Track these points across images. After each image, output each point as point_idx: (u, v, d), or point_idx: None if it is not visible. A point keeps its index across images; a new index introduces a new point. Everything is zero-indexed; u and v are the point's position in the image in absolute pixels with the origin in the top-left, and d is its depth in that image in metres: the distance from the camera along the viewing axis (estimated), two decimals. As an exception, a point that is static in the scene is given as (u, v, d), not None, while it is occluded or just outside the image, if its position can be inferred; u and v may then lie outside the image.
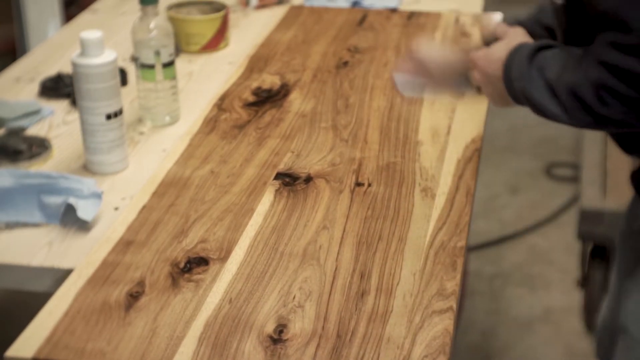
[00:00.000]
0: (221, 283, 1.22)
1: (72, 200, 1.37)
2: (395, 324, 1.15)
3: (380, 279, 1.23)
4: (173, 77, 1.66)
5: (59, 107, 1.74)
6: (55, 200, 1.38)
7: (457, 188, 1.45)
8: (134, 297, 1.20)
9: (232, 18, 2.14)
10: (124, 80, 1.79)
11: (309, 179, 1.47)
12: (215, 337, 1.13)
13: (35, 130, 1.66)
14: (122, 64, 1.83)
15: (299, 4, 2.25)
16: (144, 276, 1.24)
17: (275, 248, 1.30)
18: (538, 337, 2.54)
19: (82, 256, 1.30)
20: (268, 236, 1.32)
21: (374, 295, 1.20)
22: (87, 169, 1.53)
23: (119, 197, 1.45)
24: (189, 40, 1.97)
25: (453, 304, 1.18)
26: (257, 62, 1.90)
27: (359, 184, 1.46)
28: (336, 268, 1.26)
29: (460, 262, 1.27)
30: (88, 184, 1.41)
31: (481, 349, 2.51)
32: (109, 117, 1.48)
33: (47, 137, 1.62)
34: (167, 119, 1.68)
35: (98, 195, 1.39)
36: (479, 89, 1.44)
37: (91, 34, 1.46)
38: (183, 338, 1.12)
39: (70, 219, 1.38)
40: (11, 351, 1.11)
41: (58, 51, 2.00)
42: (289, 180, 1.47)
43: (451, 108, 1.70)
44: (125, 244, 1.30)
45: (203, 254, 1.28)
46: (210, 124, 1.65)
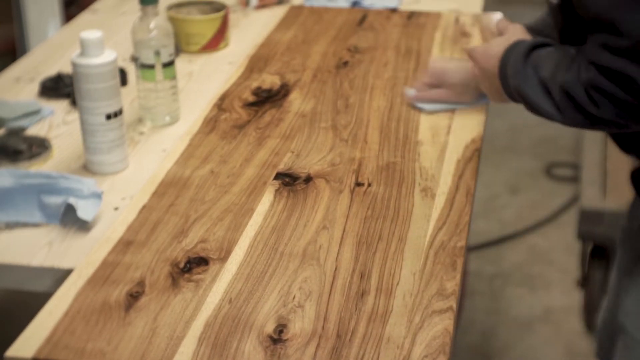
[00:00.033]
0: (221, 283, 1.22)
1: (72, 200, 1.37)
2: (395, 323, 1.15)
3: (380, 279, 1.23)
4: (173, 77, 1.66)
5: (59, 107, 1.74)
6: (55, 200, 1.38)
7: (457, 188, 1.45)
8: (134, 297, 1.20)
9: (232, 18, 2.14)
10: (124, 80, 1.79)
11: (308, 179, 1.47)
12: (215, 337, 1.13)
13: (35, 130, 1.66)
14: (122, 64, 1.83)
15: (299, 4, 2.25)
16: (144, 276, 1.24)
17: (275, 248, 1.30)
18: (538, 337, 2.54)
19: (82, 256, 1.30)
20: (268, 236, 1.32)
21: (374, 295, 1.20)
22: (87, 169, 1.53)
23: (119, 197, 1.45)
24: (189, 40, 1.97)
25: (453, 304, 1.18)
26: (257, 62, 1.90)
27: (359, 184, 1.46)
28: (336, 268, 1.26)
29: (460, 262, 1.27)
30: (88, 184, 1.41)
31: (481, 349, 2.51)
32: (109, 117, 1.48)
33: (47, 137, 1.62)
34: (167, 119, 1.68)
35: (98, 195, 1.39)
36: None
37: (91, 34, 1.46)
38: (183, 338, 1.12)
39: (70, 219, 1.38)
40: (11, 351, 1.11)
41: (58, 51, 2.00)
42: (289, 180, 1.47)
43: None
44: (125, 244, 1.30)
45: (203, 254, 1.28)
46: (210, 124, 1.65)
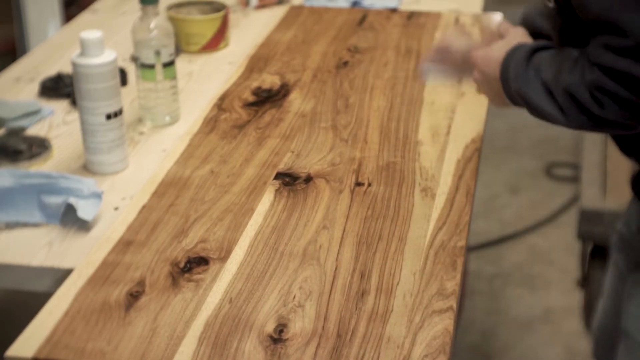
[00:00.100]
0: (221, 283, 1.22)
1: (72, 200, 1.37)
2: (396, 323, 1.15)
3: (380, 278, 1.23)
4: (173, 77, 1.66)
5: (59, 107, 1.74)
6: (55, 200, 1.38)
7: (457, 188, 1.45)
8: (134, 296, 1.20)
9: (232, 18, 2.14)
10: (124, 80, 1.79)
11: (309, 179, 1.47)
12: (215, 337, 1.13)
13: (35, 130, 1.66)
14: (122, 64, 1.83)
15: (299, 4, 2.25)
16: (144, 276, 1.24)
17: (275, 248, 1.30)
18: (538, 337, 2.54)
19: (82, 256, 1.30)
20: (268, 236, 1.32)
21: (374, 295, 1.20)
22: (87, 169, 1.53)
23: (119, 197, 1.45)
24: (189, 40, 1.97)
25: (453, 304, 1.18)
26: (257, 62, 1.90)
27: (359, 184, 1.46)
28: (336, 268, 1.26)
29: (460, 262, 1.27)
30: (88, 184, 1.41)
31: (481, 349, 2.51)
32: (109, 117, 1.48)
33: (47, 137, 1.62)
34: (167, 119, 1.68)
35: (98, 195, 1.39)
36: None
37: (91, 34, 1.46)
38: (183, 338, 1.12)
39: (70, 219, 1.38)
40: (11, 351, 1.11)
41: (58, 51, 2.00)
42: (289, 180, 1.47)
43: (451, 108, 1.70)
44: (125, 244, 1.30)
45: (203, 254, 1.28)
46: (210, 124, 1.65)
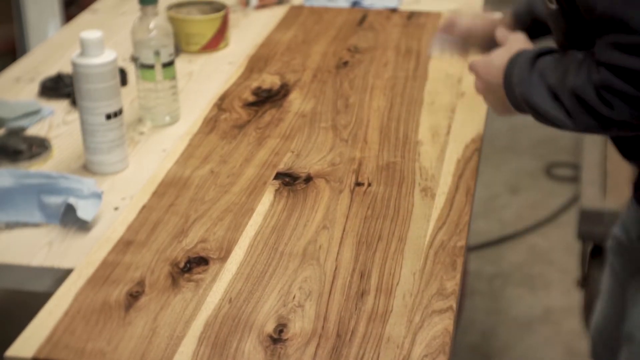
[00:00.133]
0: (221, 283, 1.22)
1: (72, 200, 1.37)
2: (395, 323, 1.15)
3: (380, 278, 1.23)
4: (173, 77, 1.66)
5: (59, 107, 1.74)
6: (55, 200, 1.38)
7: (457, 188, 1.45)
8: (134, 297, 1.20)
9: (232, 18, 2.14)
10: (124, 80, 1.79)
11: (308, 179, 1.47)
12: (215, 337, 1.13)
13: (35, 130, 1.66)
14: (122, 64, 1.83)
15: (299, 4, 2.25)
16: (144, 276, 1.24)
17: (275, 248, 1.30)
18: (538, 337, 2.54)
19: (82, 256, 1.30)
20: (268, 236, 1.32)
21: (373, 295, 1.20)
22: (87, 169, 1.53)
23: (119, 197, 1.45)
24: (189, 40, 1.97)
25: (453, 304, 1.18)
26: (257, 62, 1.91)
27: (358, 184, 1.46)
28: (336, 268, 1.26)
29: (460, 262, 1.27)
30: (88, 184, 1.41)
31: (481, 349, 2.51)
32: (109, 117, 1.48)
33: (47, 137, 1.62)
34: (167, 119, 1.68)
35: (98, 195, 1.39)
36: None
37: (91, 34, 1.46)
38: (183, 338, 1.12)
39: (70, 219, 1.38)
40: (11, 351, 1.11)
41: (58, 51, 2.00)
42: (288, 180, 1.47)
43: (451, 108, 1.70)
44: (125, 244, 1.30)
45: (203, 254, 1.28)
46: (210, 124, 1.65)
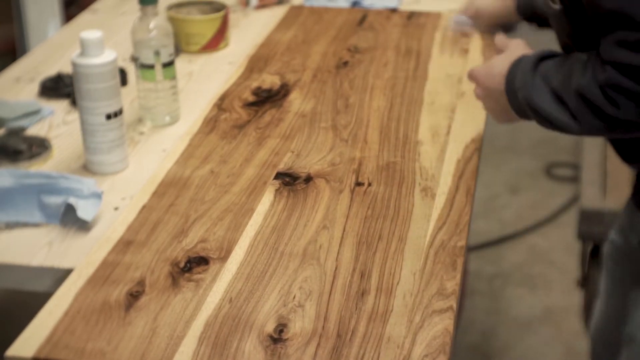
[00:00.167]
0: (221, 283, 1.22)
1: (72, 200, 1.37)
2: (396, 323, 1.15)
3: (380, 278, 1.23)
4: (173, 77, 1.66)
5: (59, 107, 1.74)
6: (55, 200, 1.38)
7: (457, 188, 1.45)
8: (134, 296, 1.20)
9: (232, 18, 2.14)
10: (124, 80, 1.79)
11: (309, 179, 1.47)
12: (215, 337, 1.13)
13: (35, 130, 1.66)
14: (122, 64, 1.83)
15: (299, 4, 2.25)
16: (144, 276, 1.24)
17: (275, 248, 1.30)
18: (538, 337, 2.54)
19: (82, 256, 1.30)
20: (268, 236, 1.32)
21: (374, 294, 1.20)
22: (87, 169, 1.53)
23: (119, 197, 1.45)
24: (189, 40, 1.97)
25: (453, 304, 1.18)
26: (257, 62, 1.90)
27: (359, 184, 1.46)
28: (336, 268, 1.26)
29: (460, 262, 1.27)
30: (88, 184, 1.41)
31: (481, 349, 2.51)
32: (109, 117, 1.48)
33: (47, 137, 1.62)
34: (167, 119, 1.68)
35: (98, 195, 1.39)
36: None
37: (91, 34, 1.46)
38: (183, 338, 1.12)
39: (70, 219, 1.38)
40: (11, 351, 1.11)
41: (58, 51, 2.00)
42: (289, 180, 1.47)
43: (451, 108, 1.70)
44: (125, 244, 1.30)
45: (203, 254, 1.28)
46: (210, 124, 1.65)
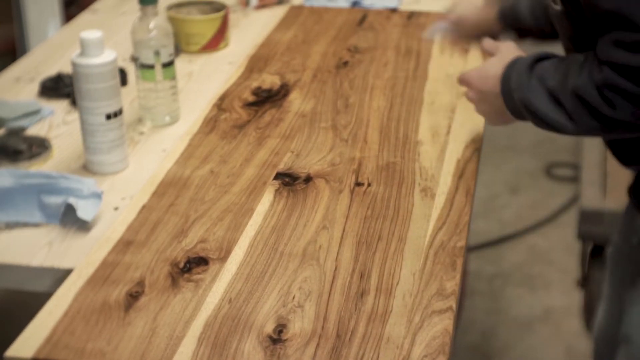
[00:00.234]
0: (221, 283, 1.22)
1: (72, 200, 1.37)
2: (395, 323, 1.15)
3: (380, 278, 1.23)
4: (173, 77, 1.66)
5: (59, 107, 1.74)
6: (55, 200, 1.38)
7: (457, 188, 1.45)
8: (133, 297, 1.20)
9: (232, 18, 2.14)
10: (124, 80, 1.79)
11: (308, 179, 1.47)
12: (214, 337, 1.13)
13: (35, 130, 1.66)
14: (122, 64, 1.83)
15: (299, 4, 2.25)
16: (143, 276, 1.24)
17: (275, 248, 1.30)
18: (538, 337, 2.54)
19: (82, 256, 1.30)
20: (268, 236, 1.32)
21: (373, 295, 1.20)
22: (87, 169, 1.53)
23: (119, 197, 1.45)
24: (189, 40, 1.97)
25: (453, 304, 1.18)
26: (257, 62, 1.91)
27: (358, 184, 1.46)
28: (336, 268, 1.26)
29: (460, 262, 1.27)
30: (88, 184, 1.41)
31: (481, 349, 2.51)
32: (109, 117, 1.48)
33: (47, 137, 1.62)
34: (167, 119, 1.68)
35: (98, 195, 1.39)
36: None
37: (91, 34, 1.46)
38: (183, 338, 1.12)
39: (70, 219, 1.38)
40: (11, 351, 1.11)
41: (58, 51, 2.00)
42: (288, 180, 1.47)
43: (451, 108, 1.70)
44: (125, 244, 1.30)
45: (203, 254, 1.28)
46: (210, 124, 1.65)
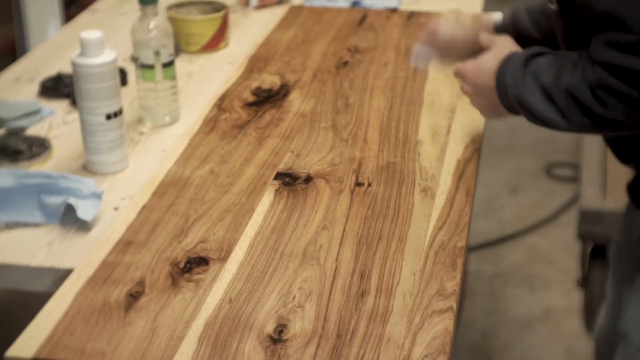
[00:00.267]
0: (221, 283, 1.22)
1: (72, 200, 1.37)
2: (395, 323, 1.15)
3: (380, 279, 1.23)
4: (173, 77, 1.66)
5: (59, 107, 1.74)
6: (55, 200, 1.38)
7: (457, 188, 1.45)
8: (134, 297, 1.20)
9: (232, 18, 2.14)
10: (124, 80, 1.79)
11: (308, 179, 1.47)
12: (215, 337, 1.13)
13: (35, 130, 1.66)
14: (122, 64, 1.83)
15: (299, 4, 2.25)
16: (144, 276, 1.24)
17: (275, 248, 1.30)
18: (538, 337, 2.54)
19: (82, 256, 1.30)
20: (268, 236, 1.32)
21: (374, 295, 1.20)
22: (87, 169, 1.53)
23: (119, 197, 1.45)
24: (189, 40, 1.97)
25: (453, 304, 1.18)
26: (257, 62, 1.90)
27: (358, 184, 1.46)
28: (336, 268, 1.26)
29: (460, 262, 1.27)
30: (88, 184, 1.41)
31: (481, 349, 2.51)
32: (109, 117, 1.48)
33: (47, 137, 1.62)
34: (167, 119, 1.68)
35: (98, 195, 1.39)
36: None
37: (91, 34, 1.46)
38: (183, 338, 1.12)
39: (70, 219, 1.38)
40: (11, 351, 1.11)
41: (58, 51, 2.00)
42: (288, 180, 1.47)
43: (451, 108, 1.70)
44: (125, 244, 1.30)
45: (203, 254, 1.28)
46: (210, 124, 1.65)
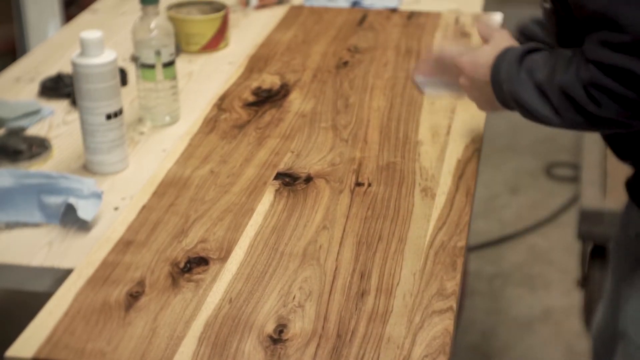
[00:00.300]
0: (221, 283, 1.22)
1: (72, 200, 1.37)
2: (395, 323, 1.15)
3: (380, 279, 1.23)
4: (173, 77, 1.66)
5: (59, 107, 1.74)
6: (55, 200, 1.38)
7: (457, 188, 1.45)
8: (134, 297, 1.20)
9: (232, 18, 2.14)
10: (124, 80, 1.79)
11: (309, 179, 1.47)
12: (215, 337, 1.13)
13: (35, 130, 1.66)
14: (122, 64, 1.83)
15: (299, 4, 2.25)
16: (144, 276, 1.24)
17: (275, 248, 1.30)
18: (538, 337, 2.54)
19: (82, 256, 1.30)
20: (268, 236, 1.32)
21: (374, 295, 1.20)
22: (87, 169, 1.53)
23: (119, 197, 1.45)
24: (189, 40, 1.97)
25: (453, 304, 1.18)
26: (257, 62, 1.90)
27: (359, 184, 1.46)
28: (336, 268, 1.26)
29: (460, 262, 1.27)
30: (88, 184, 1.41)
31: (481, 349, 2.51)
32: (109, 117, 1.48)
33: (47, 137, 1.62)
34: (167, 119, 1.68)
35: (98, 195, 1.39)
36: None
37: (91, 34, 1.46)
38: (183, 338, 1.12)
39: (70, 219, 1.38)
40: (11, 351, 1.11)
41: (58, 51, 2.00)
42: (289, 180, 1.47)
43: (451, 108, 1.70)
44: (125, 244, 1.30)
45: (203, 254, 1.28)
46: (210, 124, 1.65)
